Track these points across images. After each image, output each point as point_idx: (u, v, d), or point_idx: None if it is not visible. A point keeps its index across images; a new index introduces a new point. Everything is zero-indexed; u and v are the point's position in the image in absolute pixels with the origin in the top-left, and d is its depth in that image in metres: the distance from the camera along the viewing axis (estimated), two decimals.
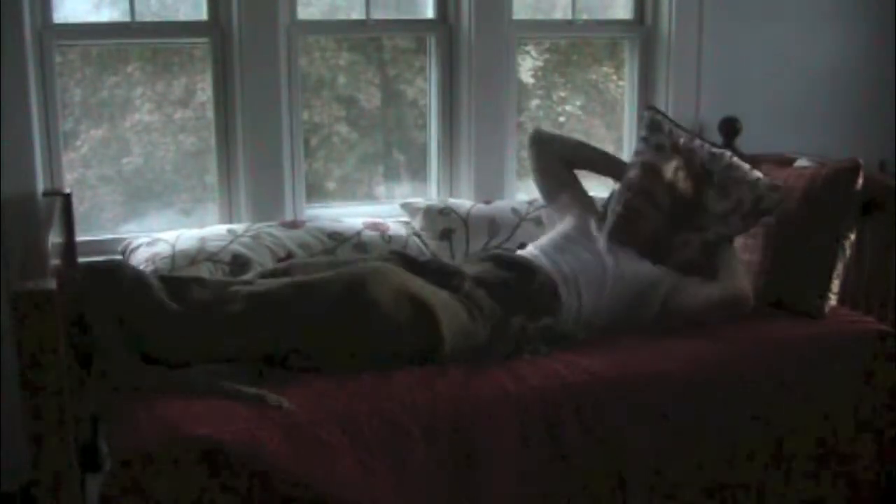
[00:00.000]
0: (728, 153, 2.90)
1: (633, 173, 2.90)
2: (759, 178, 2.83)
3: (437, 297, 2.48)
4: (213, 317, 2.29)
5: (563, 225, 2.99)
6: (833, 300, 2.90)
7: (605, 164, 3.13)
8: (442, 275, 2.70)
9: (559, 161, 3.06)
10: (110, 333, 2.23)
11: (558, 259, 2.83)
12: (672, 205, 2.83)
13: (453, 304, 2.50)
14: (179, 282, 2.39)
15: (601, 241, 2.88)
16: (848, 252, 2.92)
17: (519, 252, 2.93)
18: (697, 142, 2.92)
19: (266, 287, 2.37)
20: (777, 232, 2.95)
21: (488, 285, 2.65)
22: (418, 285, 2.47)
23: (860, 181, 2.88)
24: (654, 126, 2.96)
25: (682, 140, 2.92)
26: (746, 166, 2.86)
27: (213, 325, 2.28)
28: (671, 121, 3.00)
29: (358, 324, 2.35)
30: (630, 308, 2.76)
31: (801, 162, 3.13)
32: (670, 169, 2.85)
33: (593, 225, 2.94)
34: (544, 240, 2.98)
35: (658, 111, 3.04)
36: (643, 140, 2.96)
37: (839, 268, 2.89)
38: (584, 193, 3.08)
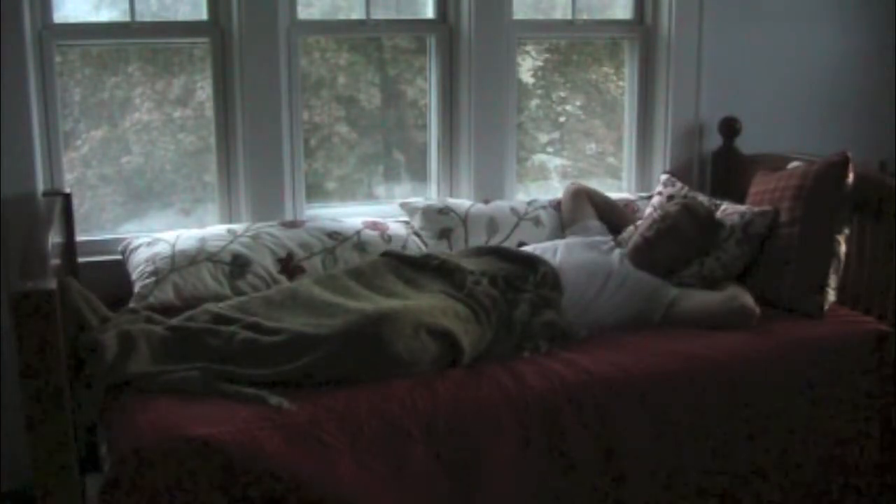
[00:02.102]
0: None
1: (673, 208, 3.02)
2: (747, 208, 3.05)
3: (448, 315, 2.45)
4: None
5: (574, 237, 3.12)
6: (832, 296, 2.90)
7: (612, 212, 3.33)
8: (442, 272, 2.70)
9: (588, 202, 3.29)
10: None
11: (563, 253, 2.90)
12: (697, 247, 2.96)
13: (463, 313, 2.49)
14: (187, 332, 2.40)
15: (615, 251, 2.98)
16: (844, 248, 2.92)
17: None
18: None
19: (283, 369, 2.29)
20: (772, 231, 2.98)
21: (491, 277, 2.66)
22: (426, 310, 2.43)
23: (850, 174, 2.89)
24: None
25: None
26: (738, 206, 3.11)
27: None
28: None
29: (384, 372, 2.34)
30: (635, 311, 2.78)
31: (794, 164, 3.14)
32: (702, 209, 3.04)
33: (607, 241, 3.07)
34: (548, 242, 3.05)
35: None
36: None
37: (836, 264, 2.90)
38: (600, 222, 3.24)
